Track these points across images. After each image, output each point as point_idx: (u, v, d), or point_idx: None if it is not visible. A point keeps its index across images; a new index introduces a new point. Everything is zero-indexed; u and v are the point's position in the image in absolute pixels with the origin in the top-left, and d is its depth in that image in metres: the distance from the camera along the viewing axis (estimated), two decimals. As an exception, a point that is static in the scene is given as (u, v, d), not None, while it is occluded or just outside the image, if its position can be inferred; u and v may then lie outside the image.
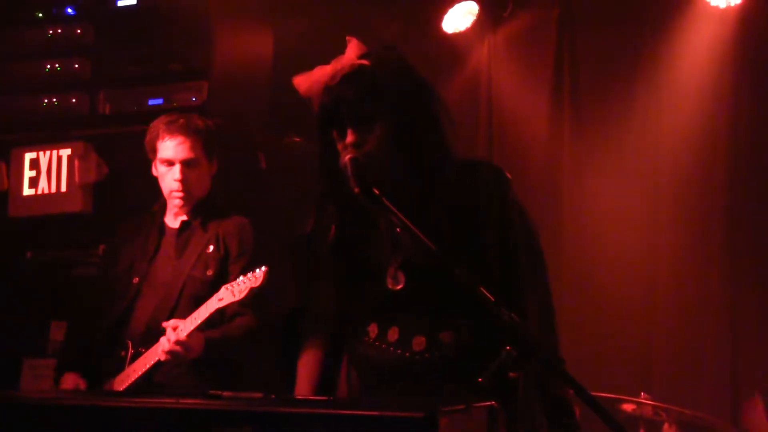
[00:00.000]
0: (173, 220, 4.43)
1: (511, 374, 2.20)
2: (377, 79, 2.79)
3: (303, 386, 2.96)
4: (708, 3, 5.63)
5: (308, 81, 2.85)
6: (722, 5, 5.59)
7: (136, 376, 4.12)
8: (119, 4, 5.48)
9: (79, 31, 5.48)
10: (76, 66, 5.45)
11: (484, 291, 2.33)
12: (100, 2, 5.52)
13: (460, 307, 2.69)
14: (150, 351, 4.12)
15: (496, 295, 2.37)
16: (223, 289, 4.03)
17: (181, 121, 4.34)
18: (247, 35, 5.64)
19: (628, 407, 4.79)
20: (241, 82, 5.47)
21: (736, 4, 5.57)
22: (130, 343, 4.21)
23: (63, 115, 5.47)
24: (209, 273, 4.25)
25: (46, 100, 5.47)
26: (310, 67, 2.92)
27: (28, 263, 5.34)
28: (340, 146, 2.78)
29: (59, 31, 5.50)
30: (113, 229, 4.62)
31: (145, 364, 4.11)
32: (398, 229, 2.62)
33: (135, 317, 4.29)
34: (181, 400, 2.29)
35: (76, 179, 5.27)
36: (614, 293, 5.69)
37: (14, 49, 5.60)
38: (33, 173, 5.38)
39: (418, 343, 2.78)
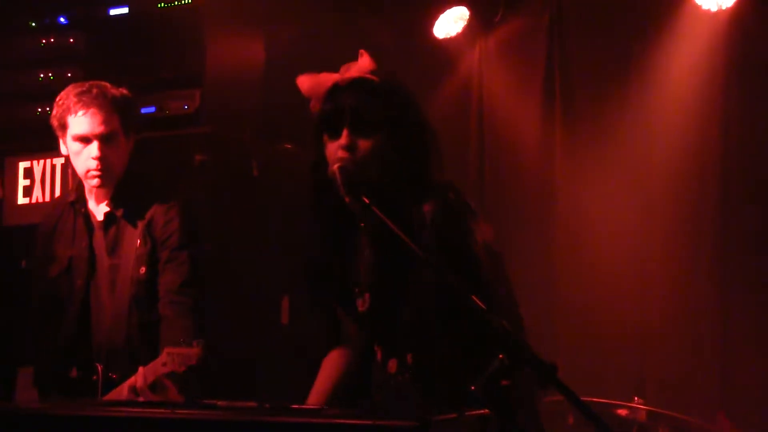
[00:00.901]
0: (96, 207, 4.09)
1: (503, 382, 2.22)
2: (381, 95, 2.83)
3: (318, 385, 3.00)
4: (699, 6, 5.63)
5: (312, 81, 2.89)
6: (713, 8, 5.60)
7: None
8: (111, 12, 5.48)
9: (71, 39, 5.49)
10: (69, 75, 5.45)
11: (476, 299, 2.35)
12: (92, 11, 5.53)
13: (427, 327, 2.74)
14: (131, 379, 3.66)
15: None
16: (166, 352, 3.52)
17: (95, 90, 3.99)
18: (238, 42, 5.65)
19: (621, 412, 4.80)
20: (234, 89, 5.48)
21: (727, 8, 5.58)
22: (99, 366, 3.86)
23: (56, 124, 5.47)
24: (141, 271, 3.94)
25: (39, 109, 5.47)
26: (302, 74, 2.96)
27: (23, 272, 5.34)
28: (330, 149, 2.80)
29: (52, 40, 5.51)
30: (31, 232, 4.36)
31: (119, 395, 3.70)
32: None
33: (93, 328, 3.99)
34: (176, 410, 2.31)
35: (70, 188, 5.28)
36: (606, 297, 5.69)
37: (7, 58, 5.61)
38: (27, 182, 5.39)
39: (392, 365, 2.84)
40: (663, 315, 5.63)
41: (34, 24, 5.61)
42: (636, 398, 4.80)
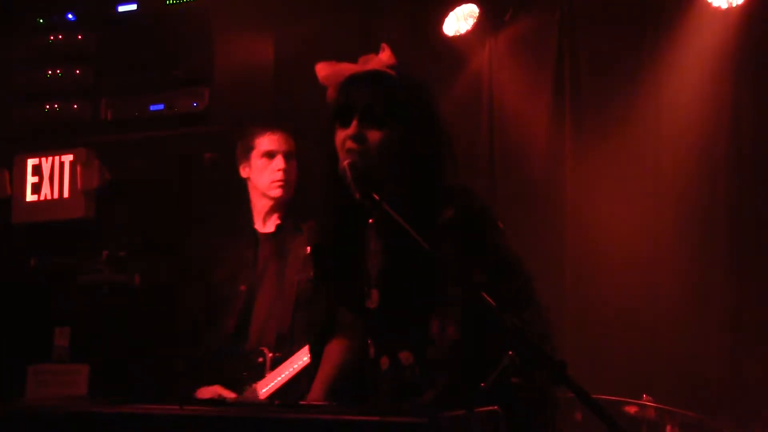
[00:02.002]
0: (263, 225, 4.56)
1: (513, 379, 2.21)
2: (398, 90, 2.82)
3: (321, 375, 2.98)
4: (710, 4, 5.61)
5: (330, 69, 2.89)
6: (724, 5, 5.57)
7: (283, 381, 4.16)
8: (120, 9, 5.49)
9: (80, 37, 5.50)
10: (78, 72, 5.46)
11: (486, 296, 2.34)
12: (101, 8, 5.53)
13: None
14: (293, 357, 4.20)
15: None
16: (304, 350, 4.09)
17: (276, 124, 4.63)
18: (247, 41, 5.65)
19: (630, 410, 4.79)
20: (243, 87, 5.48)
21: (737, 5, 5.56)
22: (265, 349, 4.29)
23: (65, 121, 5.47)
24: (312, 275, 4.30)
25: (47, 107, 5.48)
26: (311, 73, 2.95)
27: (32, 269, 5.35)
28: (338, 137, 2.79)
29: (60, 37, 5.51)
30: (190, 243, 4.85)
31: (288, 369, 4.17)
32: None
33: (253, 324, 4.39)
34: (184, 406, 2.30)
35: (79, 185, 5.29)
36: (616, 295, 5.67)
37: (15, 56, 5.62)
38: (36, 179, 5.40)
39: (384, 362, 2.83)
40: (673, 313, 5.61)
41: (42, 21, 5.61)
42: (645, 396, 4.80)
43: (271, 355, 4.30)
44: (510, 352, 2.23)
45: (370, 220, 2.86)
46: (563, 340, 5.39)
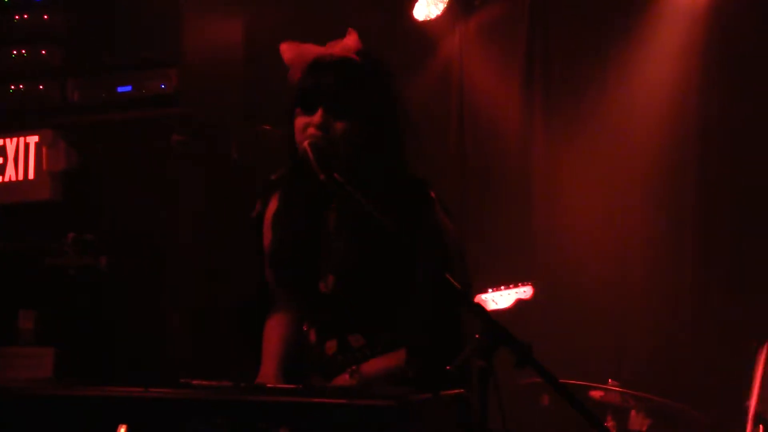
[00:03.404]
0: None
1: (479, 362, 2.21)
2: (362, 77, 2.80)
3: (270, 350, 2.95)
4: (678, -4, 5.67)
5: (295, 50, 2.86)
6: (692, -1, 5.63)
7: None
8: (88, -10, 5.44)
9: (46, 17, 5.44)
10: (44, 52, 5.40)
11: (450, 279, 2.33)
12: (68, -12, 5.48)
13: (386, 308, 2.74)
14: None
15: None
16: None
17: None
18: (217, 23, 5.61)
19: (596, 394, 4.82)
20: (212, 70, 5.44)
21: (705, -1, 5.62)
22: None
23: (31, 102, 5.42)
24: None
25: (13, 87, 5.42)
26: (281, 56, 2.93)
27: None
28: (299, 123, 2.77)
29: (26, 17, 5.45)
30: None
31: None
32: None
33: None
34: (150, 389, 2.28)
35: (45, 167, 5.24)
36: (584, 281, 5.71)
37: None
38: (0, 160, 5.35)
39: (330, 347, 2.82)
40: (640, 299, 5.65)
41: (7, 0, 5.55)
42: (610, 380, 4.82)
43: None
44: (476, 335, 2.22)
45: (333, 204, 2.83)
46: (531, 326, 5.41)
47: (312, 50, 2.85)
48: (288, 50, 2.88)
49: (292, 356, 2.92)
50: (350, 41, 2.86)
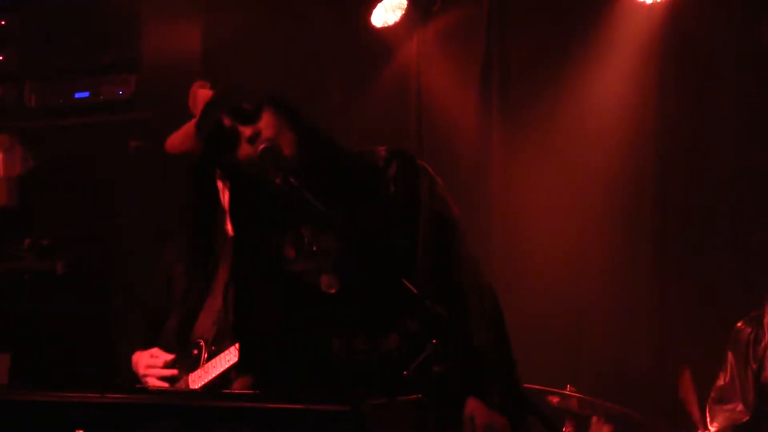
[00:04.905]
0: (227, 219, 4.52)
1: (435, 368, 2.22)
2: (238, 87, 2.86)
3: None
4: (635, -1, 5.71)
5: (178, 138, 2.92)
6: (648, 0, 5.66)
7: (216, 374, 4.14)
8: (45, -6, 5.41)
9: (3, 22, 5.40)
10: (1, 57, 5.37)
11: (408, 284, 2.35)
12: (26, -8, 5.45)
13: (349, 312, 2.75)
14: (225, 351, 4.13)
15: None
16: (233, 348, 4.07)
17: None
18: (176, 28, 5.60)
19: (554, 400, 4.84)
20: (170, 75, 5.42)
21: (662, 0, 5.64)
22: (203, 342, 4.19)
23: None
24: None
25: (-31, 92, 5.39)
26: (240, 61, 2.95)
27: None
28: (245, 149, 2.79)
29: (-18, 21, 5.42)
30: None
31: (223, 364, 4.14)
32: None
33: (200, 317, 4.32)
34: (106, 394, 2.27)
35: (1, 172, 5.21)
36: (542, 285, 5.73)
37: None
38: (-46, 166, 5.31)
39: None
40: (599, 303, 5.67)
41: (-37, 4, 5.52)
42: (569, 386, 4.85)
43: (206, 350, 4.28)
44: (433, 341, 2.24)
45: (285, 210, 2.83)
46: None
47: (188, 126, 2.93)
48: (173, 145, 2.95)
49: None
50: (203, 93, 2.95)
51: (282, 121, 2.79)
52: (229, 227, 4.46)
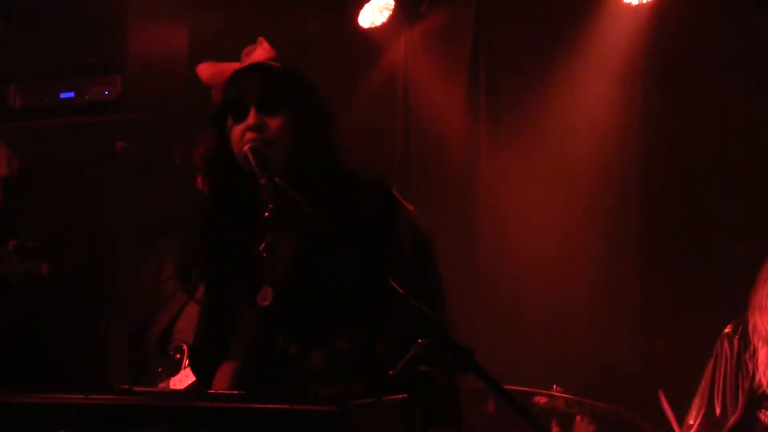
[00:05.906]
0: None
1: (421, 367, 2.21)
2: (283, 77, 2.83)
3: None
4: (621, 0, 5.70)
5: (213, 69, 2.87)
6: (634, 2, 5.67)
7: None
8: (30, -5, 5.40)
9: (-13, 23, 5.40)
10: (-14, 59, 5.36)
11: (394, 284, 2.34)
12: (11, -7, 5.44)
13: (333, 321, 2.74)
14: None
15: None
16: None
17: None
18: (161, 29, 5.60)
19: (540, 400, 4.84)
20: (156, 76, 5.43)
21: (648, 1, 5.65)
22: (185, 346, 4.26)
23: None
24: None
25: (-47, 92, 5.38)
26: (226, 62, 2.94)
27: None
28: (235, 132, 2.77)
29: (-34, 21, 5.41)
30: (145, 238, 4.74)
31: None
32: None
33: (182, 323, 4.34)
34: (90, 396, 2.26)
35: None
36: (529, 286, 5.73)
37: None
38: (-57, 169, 5.29)
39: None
40: (585, 304, 5.68)
41: (-53, 5, 5.50)
42: (555, 386, 4.85)
43: (188, 352, 4.28)
44: (419, 340, 2.23)
45: (267, 213, 2.79)
46: (475, 331, 5.44)
47: (229, 67, 2.88)
48: (205, 71, 2.90)
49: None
50: (264, 49, 2.90)
51: (291, 128, 2.77)
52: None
